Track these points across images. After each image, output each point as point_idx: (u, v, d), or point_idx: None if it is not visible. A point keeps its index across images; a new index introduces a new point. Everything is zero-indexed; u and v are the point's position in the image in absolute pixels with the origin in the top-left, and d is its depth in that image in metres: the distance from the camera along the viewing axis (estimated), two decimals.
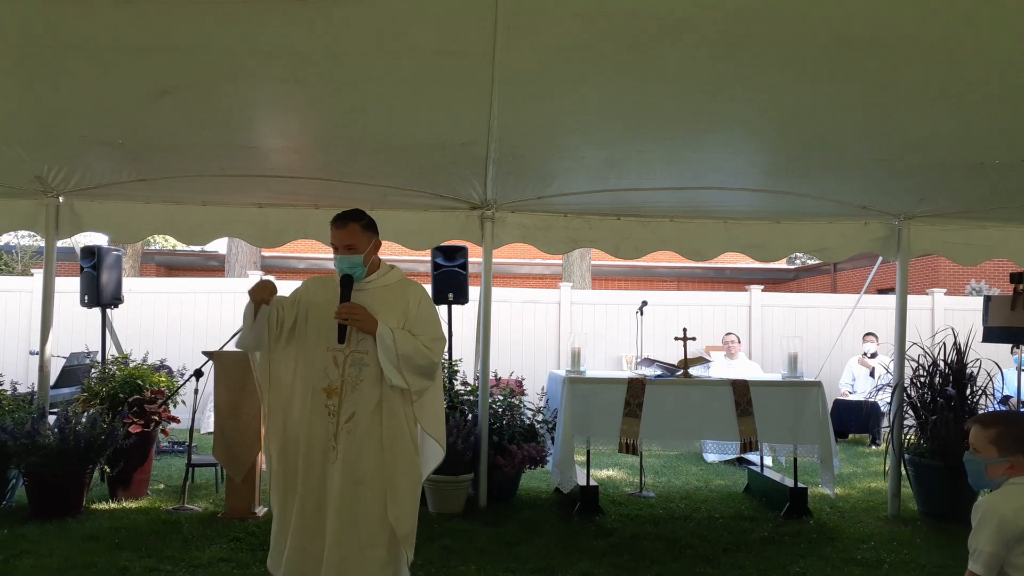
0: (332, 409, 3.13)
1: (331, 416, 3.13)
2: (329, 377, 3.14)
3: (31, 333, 9.37)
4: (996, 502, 2.44)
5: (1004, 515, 2.37)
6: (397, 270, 3.36)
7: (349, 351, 3.13)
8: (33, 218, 5.60)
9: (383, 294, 3.24)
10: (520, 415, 5.95)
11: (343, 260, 3.19)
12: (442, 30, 3.18)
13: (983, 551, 2.38)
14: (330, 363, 3.15)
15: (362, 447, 3.13)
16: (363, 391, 3.13)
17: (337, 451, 3.12)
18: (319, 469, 3.16)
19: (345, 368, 3.14)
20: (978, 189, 5.12)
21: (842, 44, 3.20)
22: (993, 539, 2.37)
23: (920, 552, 4.72)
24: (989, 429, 2.53)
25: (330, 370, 3.14)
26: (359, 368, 3.14)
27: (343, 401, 3.13)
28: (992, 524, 2.38)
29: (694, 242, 5.99)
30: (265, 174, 5.08)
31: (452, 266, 6.52)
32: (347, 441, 3.12)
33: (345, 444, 3.12)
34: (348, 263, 3.18)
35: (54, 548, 4.39)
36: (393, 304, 3.21)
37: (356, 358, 3.14)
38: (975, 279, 15.88)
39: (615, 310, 10.36)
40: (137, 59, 3.44)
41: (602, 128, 4.38)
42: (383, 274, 3.31)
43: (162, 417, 5.73)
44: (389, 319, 3.14)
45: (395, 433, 3.17)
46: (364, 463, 3.12)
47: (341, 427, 3.12)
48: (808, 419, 5.51)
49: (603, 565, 4.35)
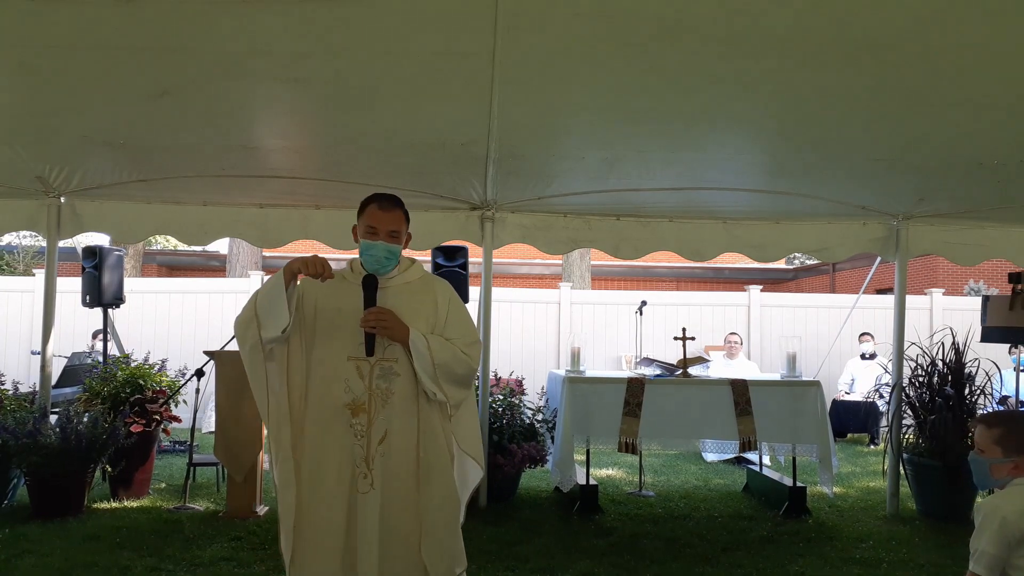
0: (360, 430, 2.62)
1: (359, 438, 2.62)
2: (353, 392, 2.63)
3: (33, 333, 9.40)
4: (999, 503, 2.43)
5: (1006, 516, 2.37)
6: (418, 264, 2.90)
7: (376, 359, 2.65)
8: (34, 218, 5.61)
9: (407, 293, 2.76)
10: (520, 415, 5.96)
11: (381, 248, 2.68)
12: (442, 30, 3.19)
13: (985, 552, 2.37)
14: (353, 375, 2.64)
15: (400, 472, 2.64)
16: (396, 405, 2.65)
17: (371, 479, 2.60)
18: (343, 505, 2.62)
19: (372, 380, 2.64)
20: (977, 189, 5.13)
21: (842, 44, 3.21)
22: (995, 540, 2.36)
23: (918, 551, 4.73)
24: (994, 429, 2.53)
25: (354, 383, 2.64)
26: (389, 379, 2.65)
27: (373, 419, 2.62)
28: (994, 525, 2.37)
29: (693, 242, 6.01)
30: (265, 174, 5.09)
31: (452, 266, 6.51)
32: (383, 466, 2.62)
33: (381, 470, 2.62)
34: (387, 252, 2.69)
35: (55, 547, 4.40)
36: (420, 304, 2.76)
37: (385, 367, 2.65)
38: (973, 279, 15.89)
39: (615, 310, 10.38)
40: (137, 59, 3.45)
41: (602, 128, 4.39)
42: (404, 269, 2.82)
43: (163, 416, 5.74)
44: (417, 322, 2.69)
45: (434, 456, 2.70)
46: (406, 491, 2.64)
47: (374, 450, 2.62)
48: (807, 419, 5.52)
49: (603, 564, 4.36)
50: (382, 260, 2.70)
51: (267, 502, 5.48)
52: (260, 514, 5.21)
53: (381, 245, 2.69)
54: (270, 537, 4.69)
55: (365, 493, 2.61)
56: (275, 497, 2.76)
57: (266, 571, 4.13)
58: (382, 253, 2.69)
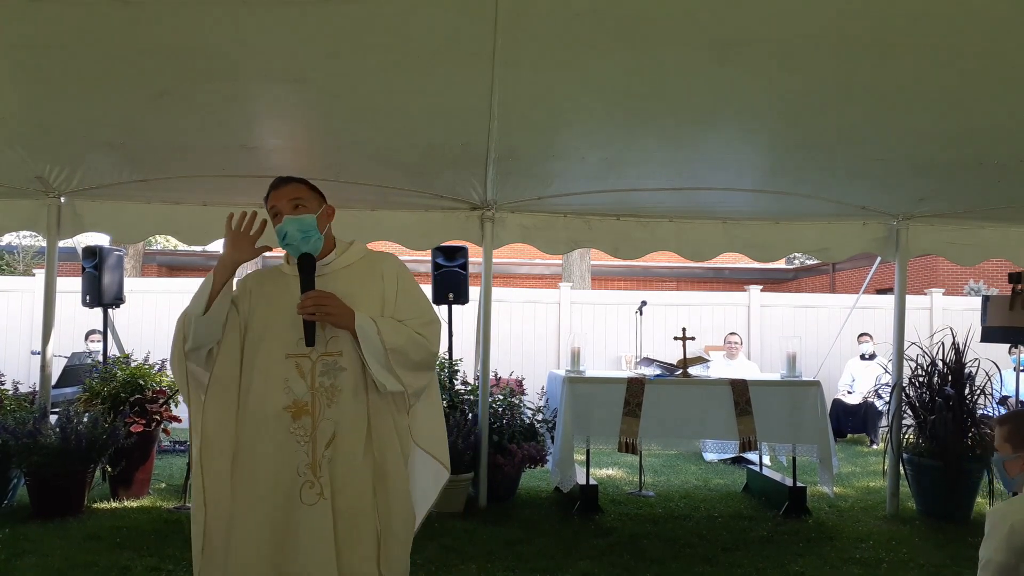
0: (302, 435, 2.34)
1: (302, 443, 2.34)
2: (294, 392, 2.36)
3: (33, 333, 9.39)
4: (1007, 510, 2.39)
5: (1014, 524, 2.32)
6: (359, 243, 2.62)
7: (318, 355, 2.38)
8: (34, 218, 5.61)
9: (348, 275, 2.50)
10: (520, 415, 5.96)
11: (292, 221, 2.39)
12: (442, 30, 3.19)
13: (992, 560, 2.33)
14: (292, 373, 2.37)
15: (352, 478, 2.37)
16: (343, 404, 2.37)
17: (319, 487, 2.32)
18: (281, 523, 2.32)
19: (315, 377, 2.37)
20: (977, 189, 5.13)
21: (842, 44, 3.21)
22: (1002, 548, 2.32)
23: (918, 551, 4.73)
24: (1003, 427, 2.54)
25: (294, 383, 2.36)
26: (334, 374, 2.38)
27: (318, 421, 2.35)
28: (1002, 532, 2.33)
29: (693, 242, 6.01)
30: (265, 174, 5.03)
31: (452, 266, 6.53)
32: (331, 473, 2.34)
33: (329, 477, 2.34)
34: (299, 225, 2.39)
35: (55, 547, 4.41)
36: (365, 286, 2.49)
37: (328, 362, 2.38)
38: (973, 279, 15.90)
39: (615, 310, 10.38)
40: (137, 59, 3.45)
41: (602, 128, 4.39)
42: (343, 251, 2.55)
43: (163, 416, 5.74)
44: (366, 305, 2.42)
45: (386, 455, 2.43)
46: (362, 499, 2.38)
47: (321, 455, 2.33)
48: (807, 419, 5.52)
49: (603, 564, 4.36)
50: (297, 236, 2.40)
51: None
52: None
53: (287, 219, 2.40)
54: None
55: (312, 504, 2.31)
56: None
57: None
58: (291, 227, 2.40)
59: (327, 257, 2.51)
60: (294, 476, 2.33)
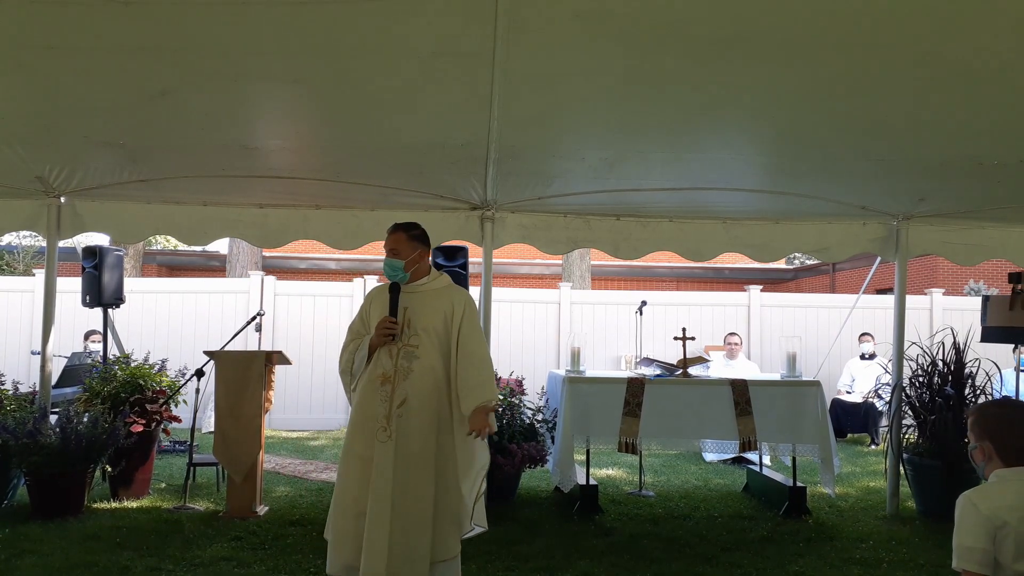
0: (384, 396, 3.51)
1: (383, 402, 3.51)
2: (383, 367, 3.55)
3: (33, 333, 9.40)
4: (970, 495, 2.45)
5: (976, 504, 2.40)
6: (445, 276, 3.78)
7: (401, 345, 3.55)
8: (34, 218, 5.61)
9: (430, 295, 3.66)
10: (520, 415, 5.96)
11: (387, 263, 3.64)
12: (442, 30, 3.19)
13: (961, 545, 2.40)
14: (385, 355, 3.56)
15: (413, 431, 3.48)
16: (414, 380, 3.51)
17: (389, 431, 3.47)
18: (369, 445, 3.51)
19: (398, 360, 3.54)
20: (977, 189, 5.14)
21: (842, 44, 3.21)
22: (972, 532, 2.37)
23: (918, 551, 4.73)
24: (970, 417, 2.60)
25: (385, 361, 3.55)
26: (410, 359, 3.54)
27: (395, 388, 3.51)
28: (970, 518, 2.39)
29: (693, 242, 6.01)
30: (265, 174, 5.10)
31: (452, 266, 6.51)
32: (397, 424, 3.47)
33: (396, 427, 3.47)
34: (388, 265, 3.64)
35: (55, 547, 4.41)
36: (436, 306, 3.62)
37: (408, 351, 3.55)
38: (973, 279, 15.90)
39: (615, 310, 10.37)
40: (137, 59, 3.45)
41: (602, 128, 4.39)
42: (433, 279, 3.73)
43: (163, 416, 5.74)
44: (431, 316, 3.59)
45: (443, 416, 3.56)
46: (413, 445, 3.47)
47: (393, 411, 3.49)
48: (807, 418, 5.52)
49: (603, 564, 4.36)
50: (388, 272, 3.65)
51: (267, 502, 5.48)
52: (260, 514, 5.21)
53: (385, 261, 3.67)
54: (270, 537, 4.69)
55: (383, 442, 3.47)
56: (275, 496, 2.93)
57: (266, 571, 4.13)
58: (386, 267, 3.66)
59: (421, 280, 3.69)
60: (375, 421, 3.50)
